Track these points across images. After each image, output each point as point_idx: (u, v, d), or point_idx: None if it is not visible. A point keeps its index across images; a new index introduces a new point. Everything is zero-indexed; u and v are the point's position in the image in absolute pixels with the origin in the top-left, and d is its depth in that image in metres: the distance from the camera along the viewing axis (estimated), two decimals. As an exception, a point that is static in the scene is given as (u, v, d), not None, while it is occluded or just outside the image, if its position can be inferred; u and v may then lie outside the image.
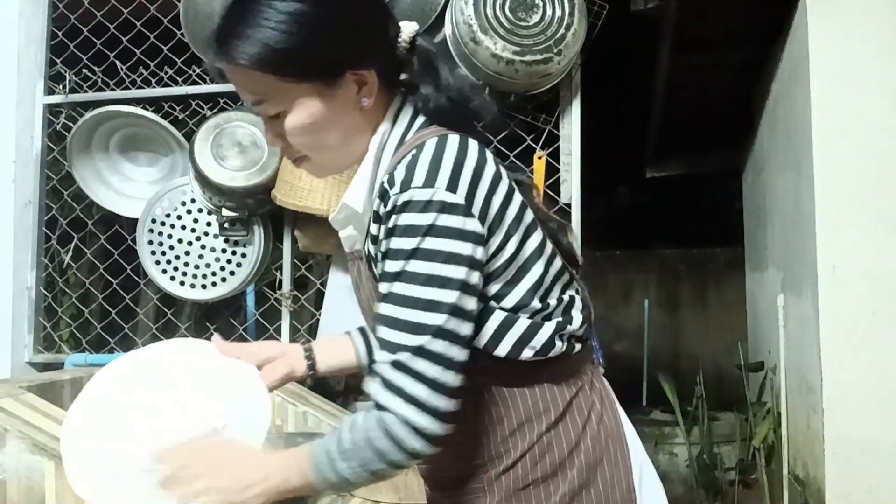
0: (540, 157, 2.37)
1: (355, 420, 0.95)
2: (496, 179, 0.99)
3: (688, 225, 5.91)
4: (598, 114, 2.96)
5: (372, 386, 0.94)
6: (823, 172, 2.47)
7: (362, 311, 1.14)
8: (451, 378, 0.93)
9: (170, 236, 2.63)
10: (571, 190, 2.38)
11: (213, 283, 2.62)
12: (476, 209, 0.95)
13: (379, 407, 0.93)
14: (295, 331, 2.67)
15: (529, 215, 1.02)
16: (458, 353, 0.94)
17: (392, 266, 0.94)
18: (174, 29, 2.66)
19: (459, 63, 2.33)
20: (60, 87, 2.81)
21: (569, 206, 2.37)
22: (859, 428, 2.40)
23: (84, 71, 2.82)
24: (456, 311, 0.93)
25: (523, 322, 1.01)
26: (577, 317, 1.07)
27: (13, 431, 1.45)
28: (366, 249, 1.05)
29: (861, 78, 2.44)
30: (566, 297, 1.07)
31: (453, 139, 0.98)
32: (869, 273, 2.41)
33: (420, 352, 0.92)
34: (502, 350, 1.01)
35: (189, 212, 2.63)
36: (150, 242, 2.63)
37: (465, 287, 0.94)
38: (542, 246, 1.03)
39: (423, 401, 0.91)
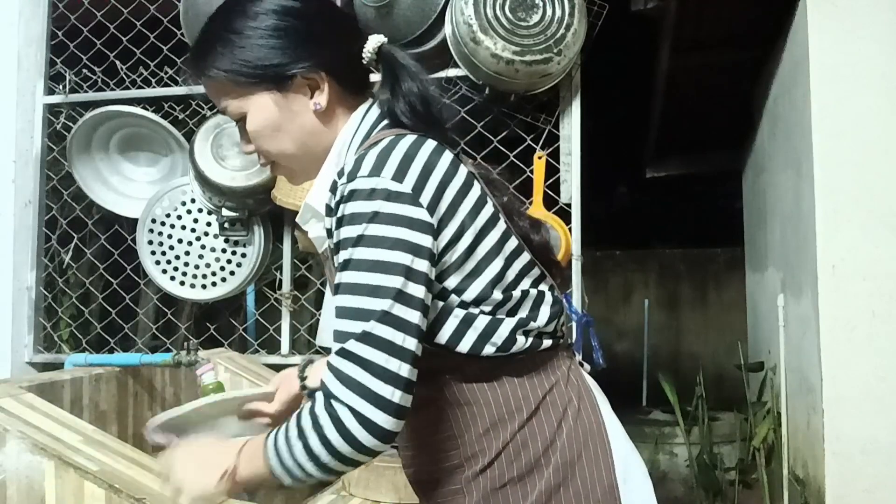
0: (540, 157, 2.37)
1: (304, 409, 0.96)
2: (450, 174, 1.00)
3: (688, 225, 5.92)
4: (598, 114, 2.96)
5: (324, 375, 0.95)
6: (823, 172, 2.47)
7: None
8: (397, 366, 0.92)
9: (170, 236, 2.63)
10: (571, 190, 2.38)
11: (213, 283, 2.62)
12: (424, 199, 0.96)
13: (328, 395, 0.94)
14: (295, 331, 2.67)
15: (489, 210, 1.03)
16: (405, 341, 0.93)
17: (341, 255, 0.96)
18: (174, 29, 2.66)
19: (459, 63, 2.33)
20: (60, 87, 2.81)
21: (569, 206, 2.37)
22: (859, 428, 2.40)
23: (84, 71, 2.82)
24: (401, 296, 0.93)
25: (483, 318, 1.02)
26: (544, 312, 1.07)
27: (13, 431, 1.45)
28: (328, 245, 1.07)
29: (861, 78, 2.44)
30: (533, 292, 1.07)
31: (409, 137, 1.01)
32: (869, 273, 2.41)
33: (364, 337, 0.92)
34: (464, 346, 1.01)
35: (189, 212, 2.63)
36: (150, 242, 2.63)
37: (410, 273, 0.94)
38: (502, 241, 1.04)
39: (370, 388, 0.91)
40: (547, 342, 1.07)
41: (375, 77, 1.11)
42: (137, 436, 2.04)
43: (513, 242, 1.05)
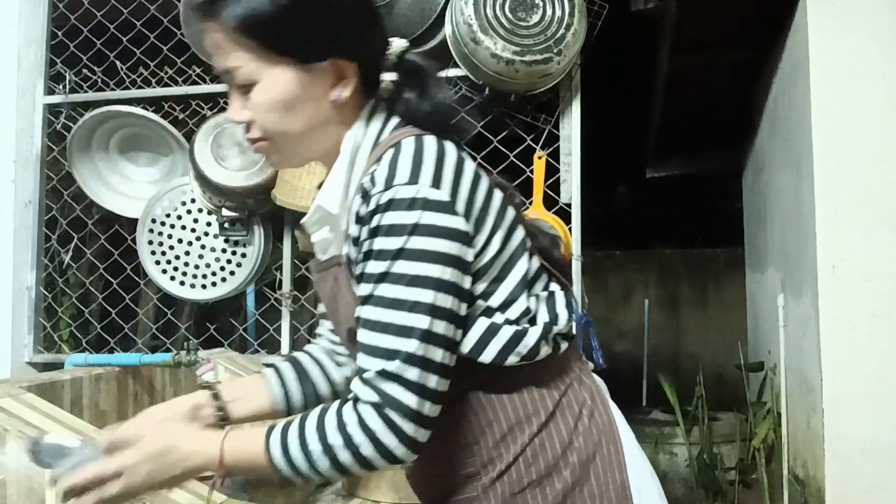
0: (540, 157, 2.37)
1: (326, 409, 0.94)
2: (477, 176, 0.98)
3: (688, 225, 5.92)
4: (598, 114, 2.96)
5: (360, 390, 0.92)
6: (823, 172, 2.48)
7: (335, 322, 1.10)
8: (436, 383, 0.92)
9: (170, 236, 2.63)
10: (571, 190, 2.38)
11: (213, 283, 2.62)
12: (460, 206, 0.94)
13: (361, 402, 0.92)
14: (295, 331, 2.67)
15: (511, 214, 1.02)
16: (445, 357, 0.93)
17: (376, 267, 0.93)
18: (174, 29, 2.66)
19: (459, 63, 2.33)
20: (60, 87, 2.81)
21: (569, 206, 2.37)
22: (859, 428, 2.40)
23: (84, 71, 2.82)
24: (443, 312, 0.92)
25: (507, 330, 0.99)
26: (562, 313, 1.06)
27: (13, 431, 1.45)
28: (344, 252, 1.02)
29: (861, 78, 2.44)
30: (545, 294, 1.06)
31: (430, 138, 0.98)
32: (869, 273, 2.41)
33: (409, 359, 0.90)
34: (487, 356, 0.99)
35: (189, 212, 2.63)
36: (150, 242, 2.63)
37: (452, 288, 0.93)
38: (524, 242, 1.03)
39: (412, 407, 0.91)
40: (564, 344, 1.07)
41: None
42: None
43: (529, 243, 1.05)
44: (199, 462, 0.97)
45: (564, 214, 2.36)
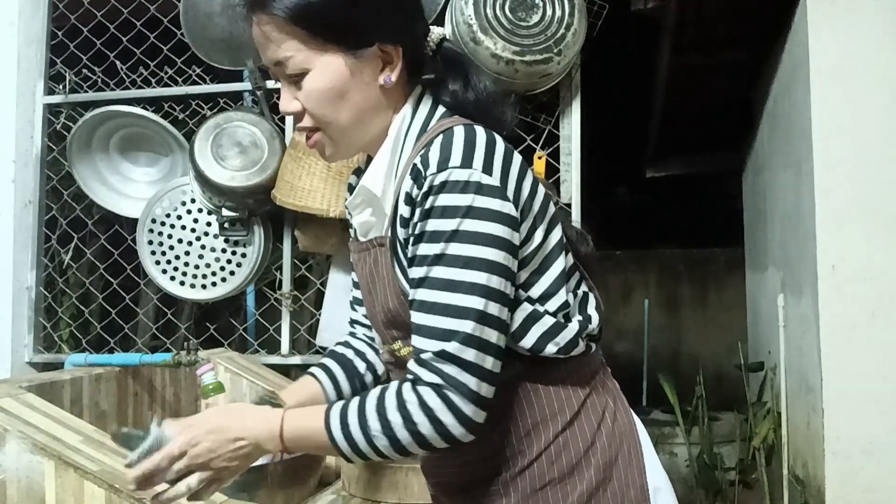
0: (540, 157, 2.37)
1: (384, 389, 0.95)
2: (523, 169, 0.99)
3: (688, 225, 5.92)
4: (598, 114, 2.96)
5: (419, 371, 0.94)
6: (823, 172, 2.47)
7: (370, 304, 1.11)
8: (492, 364, 0.94)
9: (170, 236, 2.63)
10: (571, 190, 2.38)
11: (213, 283, 2.62)
12: (510, 192, 0.95)
13: (419, 383, 0.93)
14: (295, 331, 2.67)
15: (552, 209, 1.04)
16: (499, 339, 0.95)
17: (430, 249, 0.94)
18: (174, 29, 2.66)
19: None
20: (60, 87, 2.81)
21: (569, 206, 2.38)
22: (859, 428, 2.40)
23: (84, 71, 2.82)
24: (496, 294, 0.93)
25: (549, 319, 1.01)
26: (594, 316, 1.08)
27: (13, 431, 1.45)
28: (388, 234, 1.04)
29: (861, 78, 2.44)
30: (580, 293, 1.08)
31: (479, 128, 0.99)
32: (869, 273, 2.41)
33: (467, 340, 0.92)
34: (527, 342, 1.00)
35: (189, 212, 2.63)
36: (150, 242, 2.63)
37: (503, 271, 0.94)
38: (562, 238, 1.05)
39: (471, 388, 0.92)
40: (593, 345, 1.08)
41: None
42: (137, 436, 2.03)
43: (565, 240, 1.06)
44: (260, 437, 0.98)
45: (564, 215, 2.36)
